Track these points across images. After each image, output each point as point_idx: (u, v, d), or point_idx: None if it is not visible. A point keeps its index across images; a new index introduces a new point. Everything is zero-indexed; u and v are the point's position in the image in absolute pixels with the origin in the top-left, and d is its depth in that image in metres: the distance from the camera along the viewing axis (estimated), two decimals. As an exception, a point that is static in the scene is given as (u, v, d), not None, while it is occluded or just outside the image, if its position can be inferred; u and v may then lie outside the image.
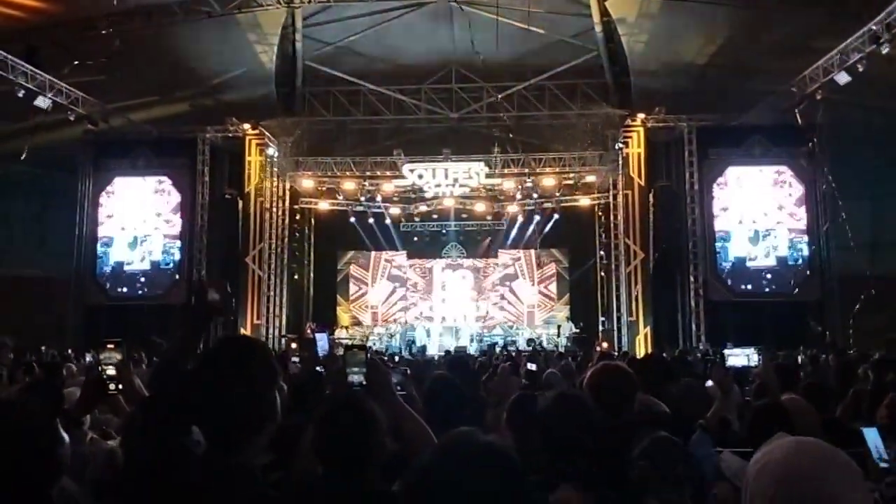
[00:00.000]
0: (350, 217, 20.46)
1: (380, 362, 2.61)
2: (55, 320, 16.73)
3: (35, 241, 19.75)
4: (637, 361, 6.06)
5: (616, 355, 11.60)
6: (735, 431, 3.82)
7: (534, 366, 6.08)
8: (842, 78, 13.20)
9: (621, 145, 17.60)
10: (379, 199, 19.88)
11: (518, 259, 22.30)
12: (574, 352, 14.74)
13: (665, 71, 16.84)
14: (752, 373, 5.62)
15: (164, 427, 1.94)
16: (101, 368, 2.49)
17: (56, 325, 16.47)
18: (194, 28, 14.67)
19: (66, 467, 2.33)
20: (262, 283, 18.12)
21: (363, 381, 2.34)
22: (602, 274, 19.27)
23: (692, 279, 17.18)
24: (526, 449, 2.41)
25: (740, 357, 4.65)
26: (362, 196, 19.69)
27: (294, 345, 13.71)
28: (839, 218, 15.43)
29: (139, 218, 18.14)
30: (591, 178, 19.23)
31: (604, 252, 19.07)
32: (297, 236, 20.35)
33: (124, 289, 17.95)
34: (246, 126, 17.81)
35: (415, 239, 21.85)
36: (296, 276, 20.10)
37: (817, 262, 17.00)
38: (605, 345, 16.17)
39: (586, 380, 3.19)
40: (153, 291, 17.80)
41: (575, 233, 20.91)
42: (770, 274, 17.21)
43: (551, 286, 22.21)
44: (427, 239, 21.90)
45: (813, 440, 1.39)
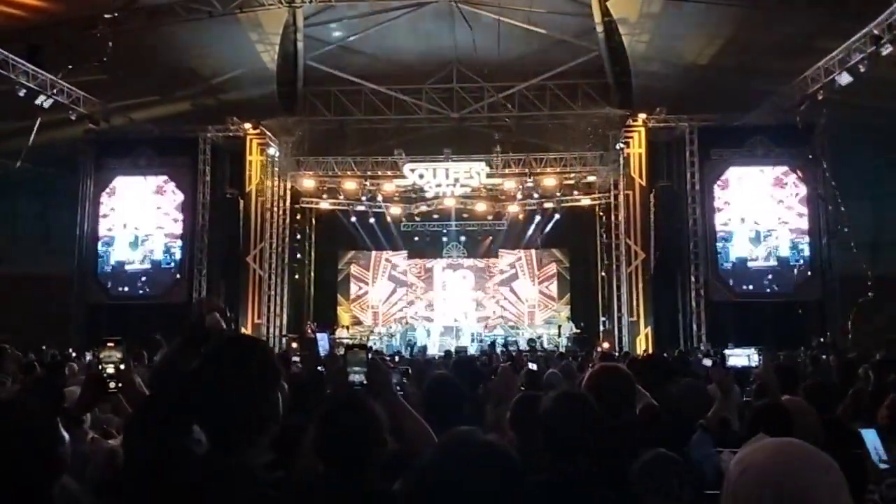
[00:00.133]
0: (351, 217, 20.48)
1: (380, 362, 2.61)
2: (56, 319, 16.72)
3: (36, 240, 19.78)
4: (638, 361, 6.08)
5: (617, 356, 11.60)
6: (735, 431, 3.82)
7: (535, 366, 6.08)
8: (843, 79, 13.19)
9: (622, 145, 17.60)
10: (380, 199, 19.89)
11: (519, 259, 22.30)
12: (574, 352, 14.74)
13: (666, 71, 16.84)
14: (753, 373, 5.62)
15: (165, 427, 1.94)
16: (102, 367, 2.49)
17: (57, 324, 16.47)
18: (196, 27, 14.67)
19: (67, 466, 2.33)
20: (263, 283, 18.12)
21: (364, 381, 2.34)
22: (603, 274, 19.26)
23: (693, 279, 17.17)
24: (528, 449, 2.41)
25: (741, 357, 4.65)
26: (363, 196, 19.70)
27: (294, 344, 13.75)
28: (840, 222, 15.35)
29: (140, 217, 18.13)
30: (592, 178, 19.23)
31: (605, 252, 19.06)
32: (298, 236, 20.34)
33: (125, 288, 17.94)
34: (247, 125, 17.80)
35: (415, 239, 21.85)
36: (296, 276, 20.10)
37: (818, 263, 16.98)
38: (606, 345, 16.18)
39: (585, 381, 3.19)
40: (154, 291, 17.80)
41: (576, 233, 20.92)
42: (771, 274, 17.20)
43: (552, 286, 22.21)
44: (428, 239, 21.90)
45: (795, 441, 1.38)
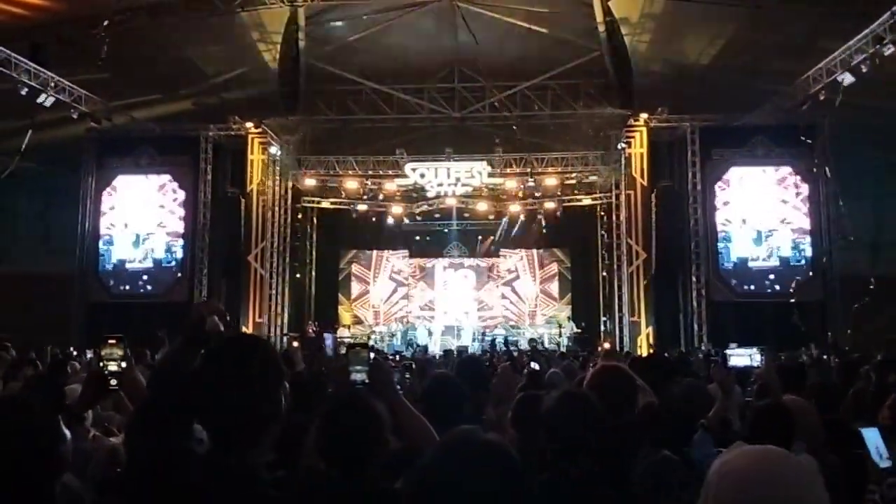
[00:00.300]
0: (352, 216, 20.48)
1: (383, 361, 2.61)
2: (57, 318, 16.72)
3: (38, 239, 19.79)
4: (639, 361, 6.07)
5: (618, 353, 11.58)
6: (736, 431, 3.81)
7: (537, 365, 6.08)
8: (845, 79, 13.17)
9: (624, 145, 17.59)
10: (381, 199, 19.89)
11: (520, 259, 22.31)
12: (576, 351, 14.75)
13: (668, 71, 16.84)
14: (754, 373, 5.61)
15: (165, 427, 1.94)
16: (103, 364, 2.48)
17: (58, 323, 16.47)
18: (197, 26, 14.67)
19: (69, 464, 2.34)
20: (264, 282, 18.11)
21: (366, 380, 2.34)
22: (604, 274, 19.26)
23: (694, 279, 17.15)
24: (530, 448, 2.41)
25: (743, 357, 4.64)
26: (364, 195, 19.70)
27: (296, 343, 13.76)
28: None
29: (142, 216, 18.12)
30: (594, 178, 19.24)
31: (606, 252, 19.05)
32: (300, 235, 20.34)
33: (127, 287, 17.93)
34: (249, 124, 17.80)
35: (417, 238, 21.86)
36: (298, 275, 20.10)
37: (819, 263, 16.96)
38: (608, 345, 16.17)
39: (587, 380, 3.19)
40: (156, 289, 17.80)
41: (577, 233, 20.91)
42: (773, 274, 17.17)
43: (553, 286, 22.21)
44: (429, 238, 21.91)
45: (776, 448, 1.39)
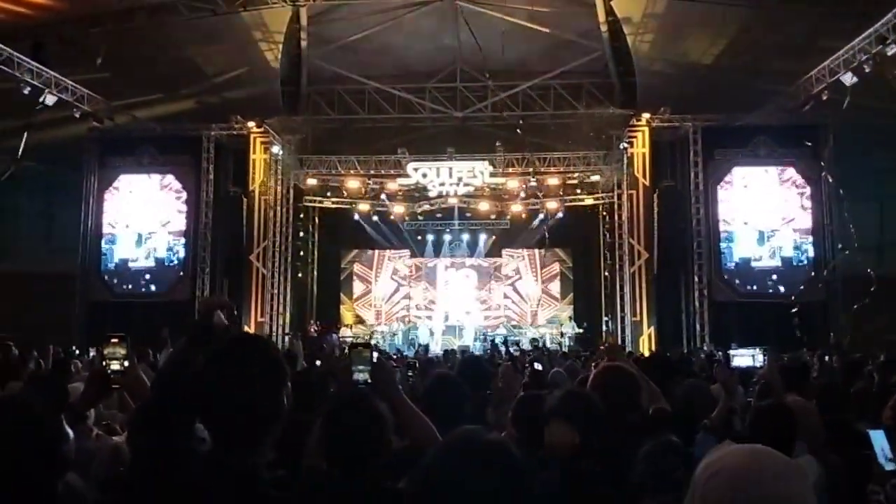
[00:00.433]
0: (354, 215, 20.48)
1: (385, 361, 2.60)
2: (60, 317, 16.74)
3: (40, 238, 19.82)
4: (640, 361, 6.06)
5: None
6: (738, 432, 3.81)
7: (539, 365, 6.07)
8: (848, 78, 13.15)
9: (626, 145, 17.58)
10: (383, 198, 19.89)
11: (522, 258, 22.30)
12: (577, 351, 14.73)
13: (670, 71, 16.81)
14: (756, 374, 5.60)
15: (167, 426, 1.94)
16: (106, 363, 2.48)
17: (60, 322, 16.49)
18: (199, 26, 14.67)
19: (71, 463, 2.34)
20: (266, 281, 18.11)
21: (368, 380, 2.34)
22: (606, 274, 19.24)
23: (696, 280, 17.12)
24: (531, 448, 2.41)
25: (745, 358, 4.62)
26: (366, 194, 19.70)
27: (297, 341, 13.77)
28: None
29: (144, 215, 18.14)
30: (596, 178, 19.23)
31: (608, 252, 19.04)
32: (301, 234, 20.36)
33: (129, 286, 17.97)
34: (251, 124, 17.80)
35: (418, 238, 21.86)
36: (299, 275, 20.11)
37: (822, 264, 16.93)
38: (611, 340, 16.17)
39: (591, 380, 3.18)
40: (158, 288, 17.83)
41: (579, 232, 20.90)
42: (776, 275, 17.14)
43: (555, 286, 22.20)
44: (431, 238, 21.90)
45: (765, 447, 1.38)
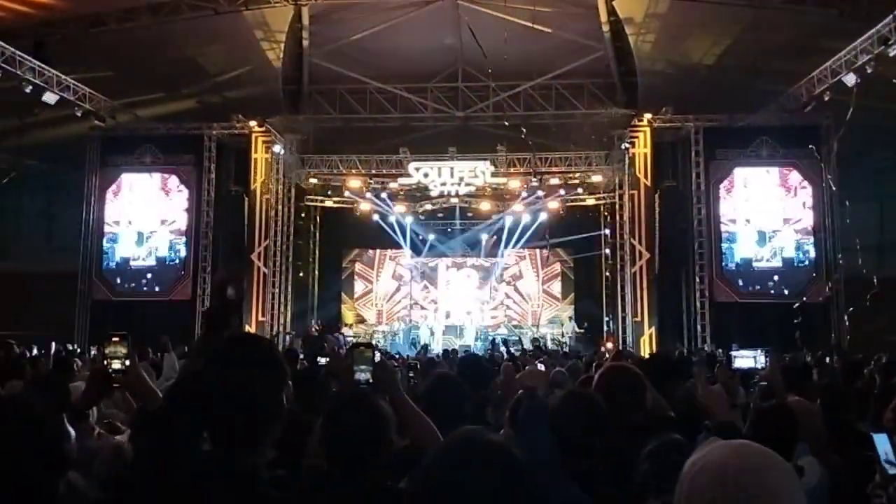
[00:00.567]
0: (355, 215, 20.47)
1: (387, 360, 2.60)
2: (61, 316, 16.76)
3: (41, 237, 19.85)
4: (641, 361, 6.06)
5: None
6: (740, 432, 3.80)
7: (542, 366, 6.07)
8: (850, 79, 13.14)
9: (627, 145, 17.57)
10: (384, 198, 19.89)
11: (523, 258, 22.28)
12: (578, 352, 14.73)
13: (672, 71, 16.80)
14: (757, 374, 5.60)
15: (168, 426, 1.94)
16: (107, 362, 2.48)
17: (62, 321, 16.50)
18: (201, 25, 14.68)
19: (73, 462, 2.34)
20: (267, 280, 18.12)
21: (370, 379, 2.34)
22: (607, 274, 19.22)
23: (698, 280, 17.11)
24: (532, 448, 2.41)
25: (747, 359, 4.62)
26: (368, 194, 19.70)
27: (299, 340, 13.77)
28: (847, 221, 15.23)
29: (145, 214, 18.15)
30: (597, 178, 19.21)
31: (609, 251, 19.03)
32: (303, 234, 20.36)
33: (130, 284, 17.98)
34: (252, 123, 17.81)
35: (419, 237, 21.84)
36: (300, 274, 20.11)
37: (823, 264, 16.91)
38: (610, 345, 16.17)
39: (595, 380, 3.17)
40: (159, 287, 17.84)
41: (580, 232, 20.86)
42: (777, 275, 17.13)
43: (556, 285, 22.19)
44: (432, 237, 21.89)
45: (751, 443, 1.39)
